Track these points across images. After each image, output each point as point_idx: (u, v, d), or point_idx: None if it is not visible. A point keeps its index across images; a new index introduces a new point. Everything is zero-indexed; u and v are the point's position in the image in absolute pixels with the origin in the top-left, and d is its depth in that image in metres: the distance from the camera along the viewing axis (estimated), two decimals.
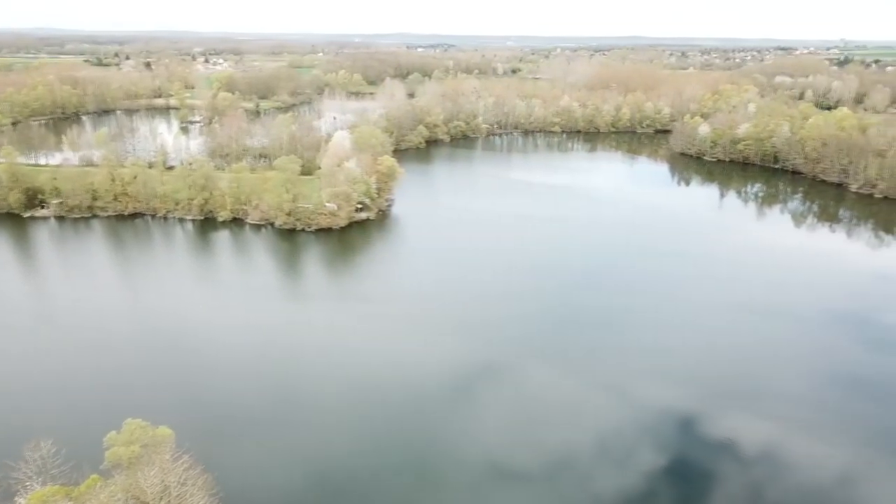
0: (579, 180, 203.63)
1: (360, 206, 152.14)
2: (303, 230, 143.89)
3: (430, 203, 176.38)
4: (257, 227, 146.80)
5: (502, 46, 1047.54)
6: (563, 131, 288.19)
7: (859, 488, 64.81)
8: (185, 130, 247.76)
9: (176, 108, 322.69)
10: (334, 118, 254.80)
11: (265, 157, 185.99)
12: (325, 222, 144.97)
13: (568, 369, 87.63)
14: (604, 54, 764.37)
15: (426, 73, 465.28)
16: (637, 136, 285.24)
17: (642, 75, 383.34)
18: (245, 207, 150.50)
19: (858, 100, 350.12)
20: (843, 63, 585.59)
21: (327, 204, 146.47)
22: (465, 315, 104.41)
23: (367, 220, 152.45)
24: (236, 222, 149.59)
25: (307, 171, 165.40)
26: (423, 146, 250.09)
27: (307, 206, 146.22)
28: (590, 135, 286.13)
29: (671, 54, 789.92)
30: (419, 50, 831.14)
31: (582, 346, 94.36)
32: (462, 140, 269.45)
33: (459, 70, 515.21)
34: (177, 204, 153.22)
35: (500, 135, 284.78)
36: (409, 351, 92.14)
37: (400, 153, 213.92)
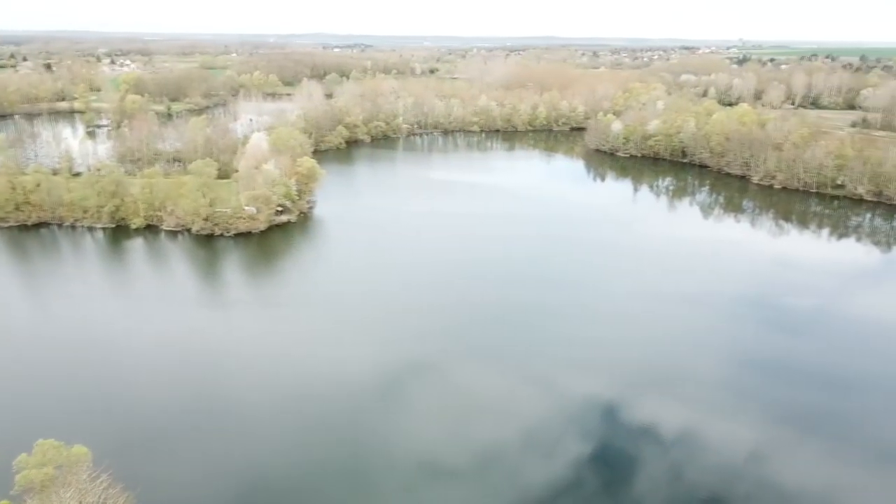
0: (500, 178, 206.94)
1: (280, 208, 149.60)
2: (221, 235, 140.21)
3: (352, 204, 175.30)
4: (173, 234, 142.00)
5: (419, 46, 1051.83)
6: (482, 130, 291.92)
7: (768, 462, 68.93)
8: (91, 135, 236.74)
9: (81, 112, 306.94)
10: (251, 120, 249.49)
11: (179, 162, 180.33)
12: (244, 226, 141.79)
13: (494, 364, 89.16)
14: (519, 54, 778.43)
15: (344, 74, 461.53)
16: (554, 134, 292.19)
17: (557, 75, 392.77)
18: (159, 214, 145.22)
19: (757, 96, 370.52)
20: (741, 62, 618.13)
21: (246, 208, 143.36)
22: (390, 315, 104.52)
23: (289, 222, 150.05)
24: (150, 229, 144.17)
25: (224, 174, 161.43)
26: (343, 147, 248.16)
27: (225, 211, 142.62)
28: (508, 133, 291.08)
29: (583, 54, 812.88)
30: (336, 50, 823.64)
31: (507, 340, 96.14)
32: (383, 140, 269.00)
33: (377, 70, 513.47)
34: (85, 212, 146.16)
35: (421, 134, 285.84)
36: (335, 354, 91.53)
37: (320, 154, 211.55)
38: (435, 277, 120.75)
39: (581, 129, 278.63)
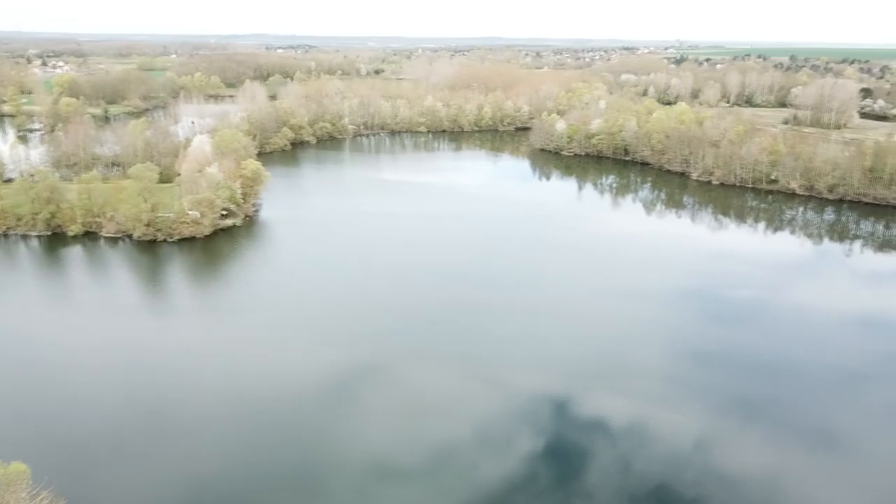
0: (448, 178, 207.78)
1: (225, 212, 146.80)
2: (164, 241, 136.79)
3: (299, 206, 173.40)
4: (113, 241, 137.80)
5: (364, 47, 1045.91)
6: (428, 131, 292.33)
7: (713, 449, 71.29)
8: (23, 139, 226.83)
9: (11, 116, 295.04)
10: (192, 122, 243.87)
11: (118, 166, 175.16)
12: (188, 231, 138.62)
13: (444, 364, 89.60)
14: (464, 54, 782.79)
15: (287, 75, 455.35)
16: (499, 134, 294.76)
17: (501, 75, 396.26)
18: (98, 220, 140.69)
19: (694, 95, 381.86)
20: (679, 62, 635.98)
21: (189, 212, 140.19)
22: (339, 317, 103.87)
23: (234, 226, 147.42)
24: (89, 236, 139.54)
25: (166, 178, 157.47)
26: (288, 148, 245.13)
27: (168, 216, 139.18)
28: (455, 134, 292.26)
29: (527, 54, 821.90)
30: (279, 51, 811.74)
31: (456, 340, 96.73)
32: (329, 141, 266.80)
33: (322, 71, 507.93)
34: (19, 220, 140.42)
35: (367, 135, 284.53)
36: (283, 357, 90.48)
37: (265, 156, 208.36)
38: (384, 278, 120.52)
39: (526, 129, 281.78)
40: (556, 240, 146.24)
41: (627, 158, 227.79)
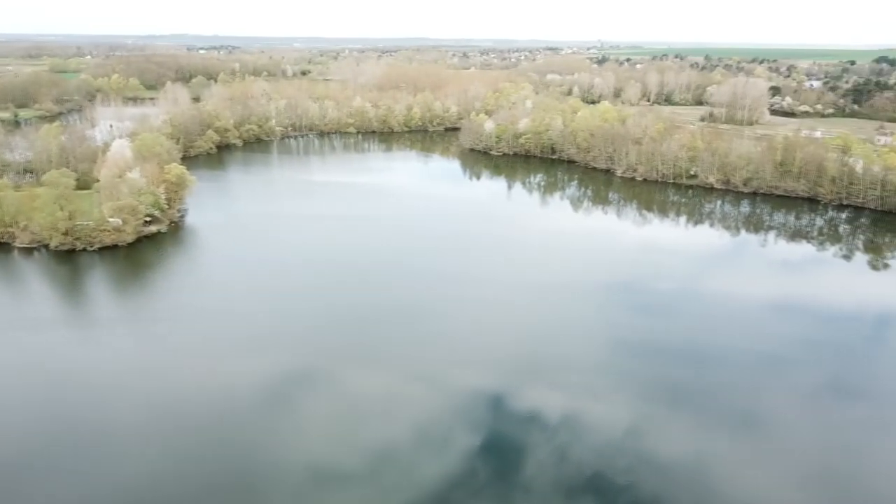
0: (378, 179, 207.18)
1: (148, 219, 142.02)
2: (84, 250, 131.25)
3: (227, 210, 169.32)
4: (28, 251, 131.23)
5: (289, 48, 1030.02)
6: (358, 132, 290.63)
7: (644, 437, 73.84)
8: None
9: None
10: (111, 126, 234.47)
11: (31, 173, 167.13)
12: (109, 239, 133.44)
13: (382, 366, 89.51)
14: (391, 55, 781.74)
15: (211, 76, 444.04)
16: (429, 135, 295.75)
17: (429, 75, 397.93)
18: (11, 230, 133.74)
19: (616, 94, 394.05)
20: (601, 62, 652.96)
21: (110, 219, 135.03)
22: (272, 323, 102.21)
23: (159, 233, 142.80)
24: (1, 247, 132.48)
25: (84, 184, 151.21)
26: (214, 152, 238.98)
27: (87, 224, 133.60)
28: (384, 134, 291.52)
29: (454, 55, 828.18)
30: (201, 52, 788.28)
31: (393, 341, 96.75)
32: (256, 144, 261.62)
33: (247, 72, 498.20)
34: None
35: (296, 137, 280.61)
36: (215, 367, 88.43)
37: (189, 160, 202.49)
38: (316, 281, 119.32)
39: (455, 129, 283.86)
40: (488, 238, 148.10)
41: (554, 157, 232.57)
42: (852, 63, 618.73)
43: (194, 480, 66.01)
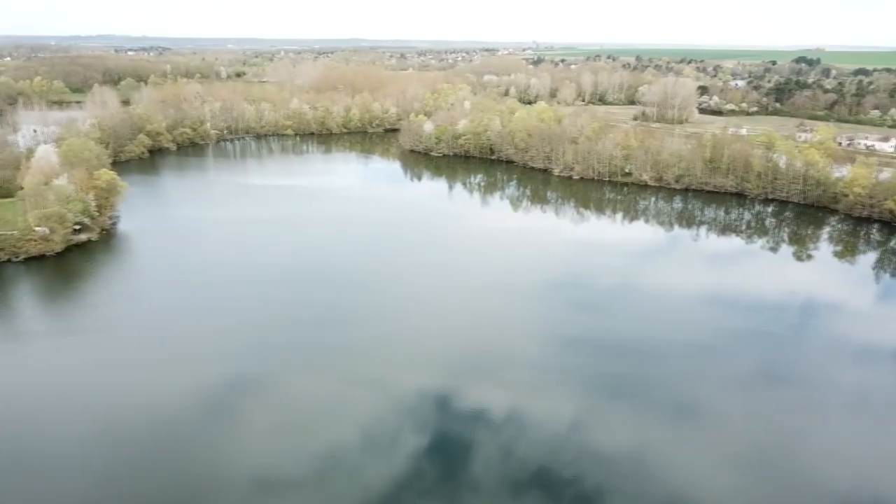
0: (318, 181, 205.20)
1: (78, 227, 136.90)
2: (8, 261, 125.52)
3: (161, 216, 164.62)
4: None
5: (223, 49, 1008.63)
6: (296, 134, 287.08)
7: (586, 429, 75.60)
8: None
9: None
10: (35, 131, 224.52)
11: None
12: (36, 249, 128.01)
13: (326, 370, 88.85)
14: (328, 56, 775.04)
15: (141, 79, 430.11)
16: (369, 136, 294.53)
17: (367, 76, 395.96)
18: None
19: (552, 94, 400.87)
20: (537, 62, 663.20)
21: (37, 228, 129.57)
22: (211, 331, 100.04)
23: (89, 241, 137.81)
24: None
25: (6, 192, 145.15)
26: (146, 156, 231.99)
27: (11, 234, 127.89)
28: (323, 136, 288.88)
29: (391, 56, 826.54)
30: (129, 53, 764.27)
31: (336, 345, 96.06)
32: (191, 148, 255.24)
33: (179, 74, 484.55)
34: None
35: (232, 140, 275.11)
36: (152, 378, 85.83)
37: (120, 166, 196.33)
38: (256, 287, 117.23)
39: (395, 130, 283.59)
40: (430, 239, 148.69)
41: (494, 157, 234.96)
42: (774, 63, 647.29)
43: (134, 497, 64.12)
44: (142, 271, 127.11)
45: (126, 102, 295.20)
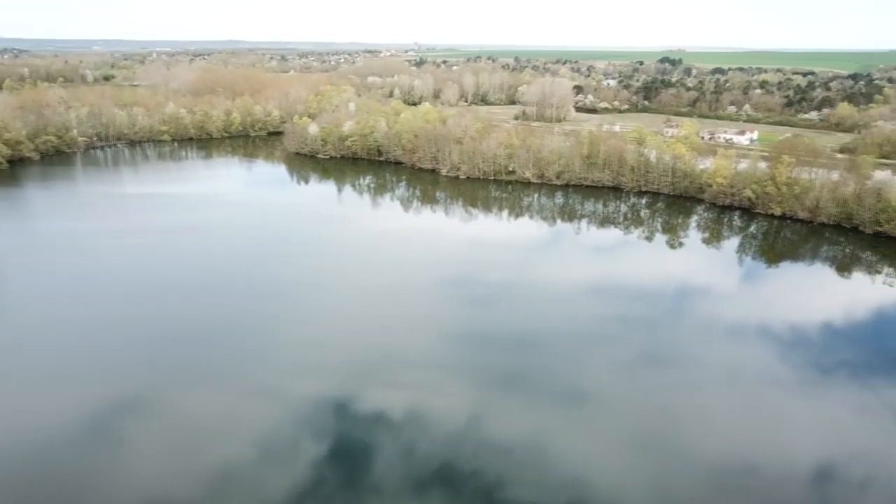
0: (200, 188, 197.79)
1: None
2: None
3: (27, 230, 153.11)
4: None
5: (88, 51, 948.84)
6: (173, 139, 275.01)
7: (484, 422, 77.61)
8: None
9: None
10: None
11: None
12: None
13: (217, 384, 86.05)
14: (204, 59, 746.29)
15: None
16: (251, 140, 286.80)
17: (247, 79, 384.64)
18: None
19: (436, 95, 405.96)
20: (419, 64, 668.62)
21: None
22: (91, 351, 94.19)
23: None
24: None
25: None
26: (5, 167, 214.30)
27: None
28: (203, 141, 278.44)
29: (272, 58, 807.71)
30: None
31: (227, 357, 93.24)
32: (56, 156, 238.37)
33: (39, 78, 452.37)
34: None
35: (102, 147, 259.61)
36: (25, 404, 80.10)
37: None
38: (140, 302, 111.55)
39: (279, 134, 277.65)
40: (320, 242, 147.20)
41: (381, 158, 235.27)
42: (641, 63, 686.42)
43: None
44: (8, 288, 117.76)
45: None
